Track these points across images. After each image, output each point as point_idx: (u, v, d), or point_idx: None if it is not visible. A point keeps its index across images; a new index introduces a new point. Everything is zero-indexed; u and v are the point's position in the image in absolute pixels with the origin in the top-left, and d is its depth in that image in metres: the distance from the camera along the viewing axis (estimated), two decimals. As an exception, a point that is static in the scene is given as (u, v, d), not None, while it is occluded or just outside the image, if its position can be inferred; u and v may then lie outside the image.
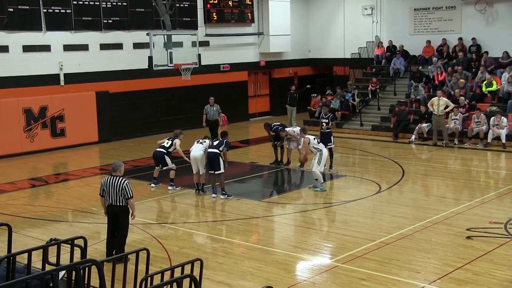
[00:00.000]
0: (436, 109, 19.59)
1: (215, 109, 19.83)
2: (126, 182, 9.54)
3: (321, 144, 14.39)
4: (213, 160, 13.58)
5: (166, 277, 6.43)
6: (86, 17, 20.81)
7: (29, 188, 15.59)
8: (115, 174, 9.64)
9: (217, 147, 13.68)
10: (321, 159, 14.05)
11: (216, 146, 13.71)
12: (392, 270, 9.16)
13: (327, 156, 14.56)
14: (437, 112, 19.58)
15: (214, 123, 19.90)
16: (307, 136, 14.16)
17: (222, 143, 13.80)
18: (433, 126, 19.82)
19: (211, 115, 19.81)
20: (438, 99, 19.71)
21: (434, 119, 19.73)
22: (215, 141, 14.10)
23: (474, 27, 23.58)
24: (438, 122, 19.60)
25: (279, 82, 27.75)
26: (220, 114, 19.87)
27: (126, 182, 9.54)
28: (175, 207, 13.70)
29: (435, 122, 19.68)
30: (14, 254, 6.65)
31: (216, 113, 19.85)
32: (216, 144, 13.78)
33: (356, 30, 27.06)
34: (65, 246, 7.36)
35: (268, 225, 12.18)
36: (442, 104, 19.59)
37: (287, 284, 8.78)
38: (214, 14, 24.49)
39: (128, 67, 21.96)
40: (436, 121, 19.63)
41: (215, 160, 13.57)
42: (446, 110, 19.69)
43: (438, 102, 19.62)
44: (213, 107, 19.82)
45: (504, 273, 8.96)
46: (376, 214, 12.71)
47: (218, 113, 19.86)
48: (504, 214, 11.98)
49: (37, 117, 19.80)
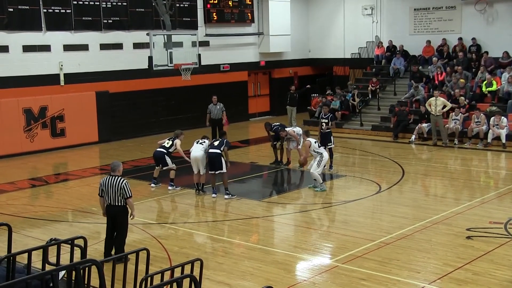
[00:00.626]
0: (434, 109, 19.61)
1: (219, 108, 19.88)
2: (125, 181, 9.54)
3: (322, 148, 14.38)
4: (215, 161, 13.59)
5: (166, 277, 6.43)
6: (86, 17, 20.81)
7: (29, 188, 15.60)
8: (114, 174, 9.64)
9: (218, 147, 13.69)
10: (321, 162, 14.05)
11: (217, 147, 13.72)
12: (392, 270, 9.16)
13: (327, 159, 14.56)
14: (434, 112, 19.60)
15: (218, 122, 19.95)
16: (308, 139, 14.13)
17: (222, 143, 13.81)
18: (432, 126, 19.84)
19: (215, 114, 19.86)
20: (435, 99, 19.73)
21: (432, 119, 19.75)
22: (215, 142, 14.10)
23: (474, 27, 23.58)
24: (437, 122, 19.62)
25: (279, 82, 27.75)
26: (223, 112, 19.92)
27: (125, 181, 9.54)
28: (175, 207, 13.70)
29: (433, 122, 19.71)
30: (14, 254, 6.65)
31: (220, 111, 19.89)
32: (217, 144, 13.79)
33: (356, 30, 27.06)
34: (65, 246, 7.36)
35: (268, 225, 12.18)
36: (439, 104, 19.60)
37: (287, 284, 8.78)
38: (214, 14, 24.49)
39: (128, 67, 21.96)
40: (435, 121, 19.65)
41: (217, 160, 13.57)
42: (444, 110, 19.70)
43: (436, 102, 19.64)
44: (217, 105, 19.87)
45: (504, 273, 8.96)
46: (376, 214, 12.71)
47: (222, 112, 19.91)
48: (504, 214, 11.98)
49: (37, 117, 19.80)
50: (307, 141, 14.12)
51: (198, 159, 13.87)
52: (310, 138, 14.22)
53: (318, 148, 14.13)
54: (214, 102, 19.88)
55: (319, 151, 14.10)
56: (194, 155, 13.93)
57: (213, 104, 19.88)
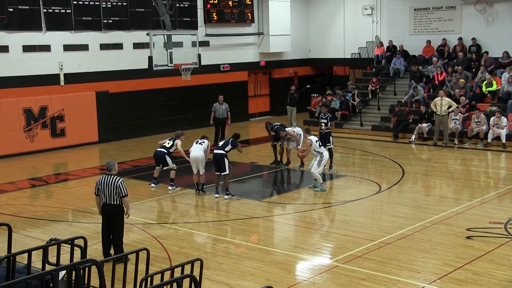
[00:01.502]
0: (439, 109, 19.57)
1: (224, 108, 19.98)
2: (120, 180, 9.58)
3: (323, 147, 14.37)
4: (219, 161, 13.56)
5: (166, 277, 6.43)
6: (86, 17, 20.80)
7: (29, 188, 15.59)
8: (109, 173, 9.67)
9: (222, 148, 13.68)
10: (322, 161, 14.05)
11: (221, 147, 13.71)
12: (392, 270, 9.16)
13: (327, 159, 14.55)
14: (440, 112, 19.56)
15: (222, 121, 20.06)
16: (309, 138, 14.13)
17: (227, 143, 13.81)
18: (436, 126, 19.79)
19: (220, 113, 19.95)
20: (441, 99, 19.69)
21: (437, 119, 19.69)
22: (220, 142, 14.14)
23: (474, 27, 23.58)
24: (441, 122, 19.58)
25: (279, 82, 27.75)
26: (228, 113, 19.97)
27: (120, 180, 9.58)
28: (175, 207, 13.70)
29: (438, 122, 19.65)
30: (14, 254, 6.65)
31: (225, 111, 20.00)
32: (221, 145, 13.79)
33: (356, 30, 27.06)
34: (65, 246, 7.36)
35: (268, 225, 12.18)
36: (445, 104, 19.58)
37: (287, 284, 8.78)
38: (214, 14, 24.49)
39: (128, 67, 21.96)
40: (439, 121, 19.60)
41: (220, 160, 13.55)
42: (449, 110, 19.67)
43: (441, 102, 19.60)
44: (222, 105, 19.97)
45: (504, 273, 8.96)
46: (376, 214, 12.71)
47: (226, 112, 19.99)
48: (504, 214, 11.99)
49: (37, 117, 19.80)
50: (308, 140, 14.11)
51: (198, 159, 13.86)
52: (311, 137, 14.20)
53: (318, 147, 14.12)
54: (220, 102, 19.98)
55: (320, 151, 14.10)
56: (194, 155, 13.92)
57: (219, 103, 19.99)
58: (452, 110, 19.69)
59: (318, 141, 14.36)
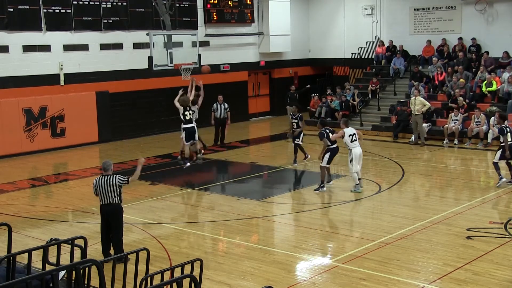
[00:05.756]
0: (413, 109, 19.80)
1: (224, 108, 20.08)
2: (117, 176, 9.63)
3: (355, 143, 14.02)
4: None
5: (166, 277, 6.43)
6: (86, 17, 20.80)
7: (29, 188, 15.59)
8: (106, 174, 9.68)
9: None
10: (351, 158, 13.94)
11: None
12: (392, 270, 9.16)
13: (358, 155, 14.06)
14: (414, 111, 19.79)
15: (222, 121, 20.19)
16: (344, 130, 13.98)
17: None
18: (413, 126, 20.11)
19: (220, 113, 20.06)
20: (414, 98, 19.85)
21: (412, 119, 20.09)
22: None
23: (474, 27, 23.58)
24: (415, 121, 19.82)
25: (279, 82, 27.74)
26: (228, 113, 20.02)
27: (117, 176, 9.63)
28: (175, 207, 13.70)
29: (414, 121, 19.97)
30: (14, 254, 6.65)
31: (225, 111, 20.10)
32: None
33: (356, 30, 27.06)
34: (65, 246, 7.37)
35: (268, 225, 12.18)
36: (418, 103, 19.74)
37: (287, 284, 8.78)
38: (214, 14, 24.49)
39: (128, 67, 21.95)
40: (415, 120, 19.90)
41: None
42: (423, 110, 19.76)
43: (415, 101, 19.75)
44: (222, 105, 20.07)
45: (504, 273, 8.96)
46: (376, 214, 12.71)
47: (226, 112, 20.06)
48: (504, 214, 12.00)
49: (37, 117, 19.80)
50: (341, 131, 13.98)
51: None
52: (347, 129, 14.03)
53: (350, 142, 13.91)
54: (219, 102, 20.05)
55: (350, 147, 13.88)
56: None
57: (219, 103, 20.09)
58: (425, 110, 19.82)
59: (351, 135, 14.00)
